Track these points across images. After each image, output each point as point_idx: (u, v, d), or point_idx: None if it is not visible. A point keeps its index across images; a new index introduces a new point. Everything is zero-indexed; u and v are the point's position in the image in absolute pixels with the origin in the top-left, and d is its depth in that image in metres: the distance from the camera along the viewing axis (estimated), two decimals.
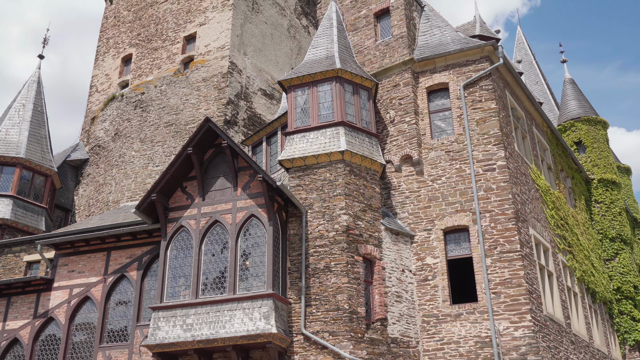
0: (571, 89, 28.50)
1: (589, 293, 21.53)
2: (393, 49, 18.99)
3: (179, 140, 24.54)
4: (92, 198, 26.11)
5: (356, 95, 17.58)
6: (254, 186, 16.05)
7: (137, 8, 30.34)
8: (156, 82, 26.89)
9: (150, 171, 24.71)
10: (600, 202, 25.37)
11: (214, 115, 24.15)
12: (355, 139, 16.86)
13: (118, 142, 26.46)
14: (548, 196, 19.64)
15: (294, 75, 17.86)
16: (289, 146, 17.07)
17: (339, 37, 19.16)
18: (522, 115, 19.81)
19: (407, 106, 18.10)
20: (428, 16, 20.49)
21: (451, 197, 16.85)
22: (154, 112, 26.07)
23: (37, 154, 25.00)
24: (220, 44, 26.06)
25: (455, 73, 18.18)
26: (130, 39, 29.56)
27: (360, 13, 20.42)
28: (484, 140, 17.07)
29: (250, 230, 15.73)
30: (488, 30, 22.97)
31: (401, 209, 17.36)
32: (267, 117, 26.25)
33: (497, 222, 16.08)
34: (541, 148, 21.35)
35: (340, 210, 15.90)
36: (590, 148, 26.30)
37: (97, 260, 17.68)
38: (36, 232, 23.54)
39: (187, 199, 16.69)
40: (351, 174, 16.45)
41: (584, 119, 26.81)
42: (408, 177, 17.59)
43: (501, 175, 16.50)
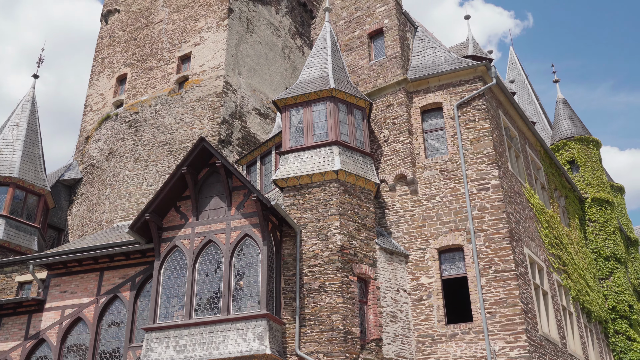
0: (564, 109, 28.70)
1: (584, 312, 21.48)
2: (387, 69, 19.11)
3: (173, 160, 24.52)
4: (86, 218, 25.98)
5: (350, 114, 17.64)
6: (248, 206, 16.01)
7: (132, 28, 30.49)
8: (151, 102, 26.94)
9: (144, 190, 24.64)
10: (594, 221, 25.42)
11: (209, 135, 24.17)
12: (349, 159, 16.88)
13: (112, 161, 26.41)
14: (542, 215, 19.67)
15: (289, 95, 17.93)
16: (283, 165, 17.08)
17: (333, 57, 19.28)
18: (516, 134, 19.92)
19: (401, 126, 18.17)
20: (421, 37, 20.67)
21: (445, 216, 16.85)
22: (148, 132, 26.07)
23: (30, 174, 24.89)
24: (215, 63, 26.18)
25: (448, 93, 18.29)
26: (125, 59, 29.66)
27: (354, 33, 20.58)
28: (477, 160, 17.13)
29: (245, 250, 15.66)
30: (481, 50, 23.21)
31: (395, 229, 17.34)
32: (261, 137, 26.29)
33: (491, 241, 16.08)
34: (535, 167, 21.43)
35: (334, 229, 15.86)
36: (583, 167, 26.41)
37: (89, 280, 17.53)
38: (28, 252, 23.34)
39: (181, 219, 16.62)
40: (345, 193, 16.44)
41: (576, 138, 26.96)
42: (402, 196, 17.59)
43: (495, 195, 16.53)
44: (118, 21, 31.40)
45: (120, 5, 31.75)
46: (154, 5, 30.25)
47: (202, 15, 28.01)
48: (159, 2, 30.16)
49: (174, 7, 29.39)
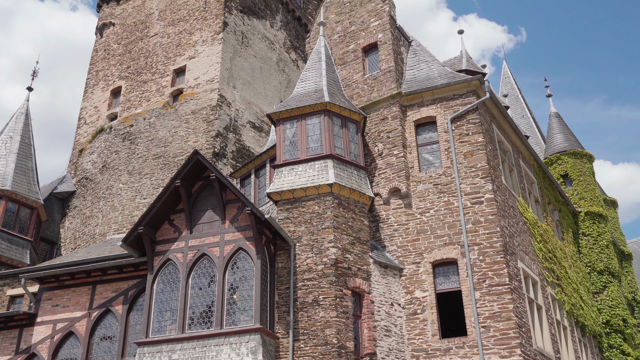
0: (557, 123, 28.85)
1: (579, 326, 21.46)
2: (381, 83, 19.19)
3: (167, 173, 24.48)
4: (79, 231, 25.85)
5: (345, 128, 17.68)
6: (242, 219, 15.97)
7: (127, 41, 30.55)
8: (145, 115, 26.93)
9: (138, 203, 24.55)
10: (587, 234, 25.47)
11: (203, 148, 24.16)
12: (343, 172, 16.89)
13: (106, 174, 26.33)
14: (536, 229, 19.70)
15: (283, 108, 17.96)
16: (277, 179, 17.07)
17: (328, 71, 19.36)
18: (509, 148, 19.99)
19: (395, 139, 18.21)
20: (415, 51, 20.78)
21: (439, 230, 16.84)
22: (142, 145, 26.04)
23: (23, 186, 24.78)
24: (210, 77, 26.23)
25: (442, 107, 18.36)
26: (120, 72, 29.68)
27: (348, 47, 20.68)
28: (471, 174, 17.16)
29: (238, 264, 15.59)
30: (474, 64, 23.34)
31: (390, 242, 17.31)
32: (255, 150, 26.30)
33: (485, 255, 16.07)
34: (528, 181, 21.49)
35: (328, 243, 15.83)
36: (576, 181, 26.51)
37: (82, 294, 17.41)
38: (20, 265, 23.18)
39: (175, 232, 16.56)
40: (340, 206, 16.43)
41: (570, 152, 27.09)
42: (396, 210, 17.59)
43: (489, 208, 16.55)
44: (113, 34, 31.47)
45: (115, 19, 31.83)
46: (149, 18, 30.35)
47: (197, 29, 28.11)
48: (154, 16, 30.27)
49: (169, 20, 29.49)
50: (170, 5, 29.91)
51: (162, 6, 30.22)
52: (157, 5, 30.48)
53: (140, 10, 31.09)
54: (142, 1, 31.31)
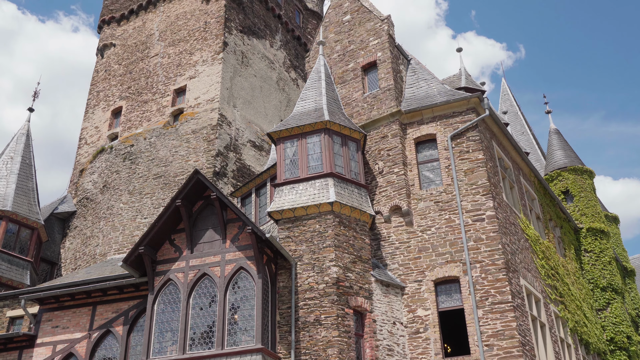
0: (556, 139, 28.89)
1: (583, 344, 21.28)
2: (381, 101, 19.25)
3: (167, 192, 24.47)
4: (79, 251, 25.78)
5: (345, 146, 17.70)
6: (243, 238, 15.92)
7: (128, 62, 30.75)
8: (146, 135, 27.00)
9: (139, 223, 24.52)
10: (589, 251, 25.36)
11: (203, 167, 24.18)
12: (344, 190, 16.88)
13: (106, 194, 26.34)
14: (538, 246, 19.63)
15: (283, 127, 18.01)
16: (278, 197, 17.05)
17: (328, 90, 19.43)
18: (509, 165, 20.00)
19: (395, 157, 18.22)
20: (414, 69, 20.89)
21: (441, 247, 16.78)
22: (143, 164, 26.07)
23: (23, 207, 24.76)
24: (210, 96, 26.35)
25: (442, 124, 18.40)
26: (121, 92, 29.83)
27: (348, 66, 20.79)
28: (472, 191, 17.15)
29: (239, 283, 15.51)
30: (473, 82, 23.44)
31: (391, 260, 17.24)
32: (256, 169, 26.33)
33: (487, 272, 15.99)
34: (529, 198, 21.46)
35: (330, 261, 15.77)
36: (577, 197, 26.46)
37: (82, 315, 17.30)
38: (20, 286, 23.07)
39: (175, 252, 16.50)
40: (341, 225, 16.39)
41: (570, 168, 27.08)
42: (398, 227, 17.54)
43: (490, 226, 16.51)
44: (114, 55, 31.68)
45: (116, 40, 32.06)
46: (150, 39, 30.57)
47: (197, 49, 28.30)
48: (154, 37, 30.49)
49: (169, 41, 29.70)
50: (171, 26, 30.15)
51: (163, 27, 30.46)
52: (158, 26, 30.72)
53: (140, 31, 31.33)
54: (143, 22, 31.56)
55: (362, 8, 21.40)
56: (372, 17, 20.91)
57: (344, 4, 22.12)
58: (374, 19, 20.85)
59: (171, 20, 30.36)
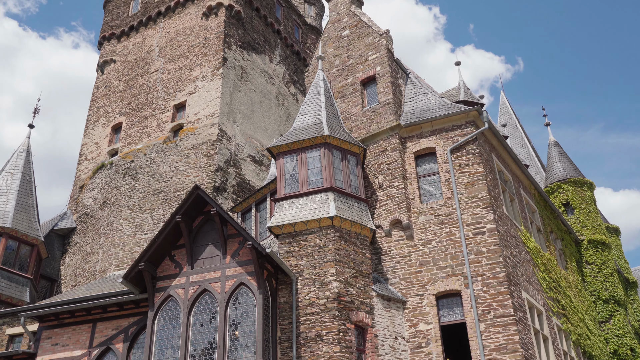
0: (556, 151, 28.92)
1: (586, 357, 21.14)
2: (380, 115, 19.29)
3: (167, 208, 24.45)
4: (79, 267, 25.71)
5: (345, 161, 17.71)
6: (244, 253, 15.87)
7: (128, 78, 30.86)
8: (145, 150, 27.04)
9: (139, 239, 24.47)
10: (591, 263, 25.28)
11: (203, 182, 24.18)
12: (344, 205, 16.86)
13: (106, 210, 26.32)
14: (539, 258, 19.56)
15: (283, 142, 18.02)
16: (278, 212, 17.02)
17: (327, 104, 19.48)
18: (509, 178, 19.99)
19: (395, 171, 18.22)
20: (413, 83, 20.95)
21: (442, 261, 16.73)
22: (143, 180, 26.08)
23: (23, 224, 24.72)
24: (210, 111, 26.42)
25: (441, 138, 18.43)
26: (121, 108, 29.91)
27: (347, 81, 20.86)
28: (472, 204, 17.12)
29: (240, 299, 15.44)
30: (472, 95, 23.50)
31: (392, 274, 17.18)
32: (256, 184, 26.32)
33: (489, 285, 15.92)
34: (530, 210, 21.43)
35: (330, 276, 15.71)
36: (578, 209, 26.43)
37: (82, 332, 17.20)
38: (20, 303, 22.98)
39: (176, 268, 16.44)
40: (341, 239, 16.35)
41: (570, 180, 27.07)
42: (398, 241, 17.50)
43: (491, 239, 16.46)
44: (114, 71, 31.81)
45: (116, 56, 32.22)
46: (150, 55, 30.71)
47: (197, 65, 28.42)
48: (154, 53, 30.63)
49: (169, 57, 29.84)
50: (171, 42, 30.30)
51: (163, 43, 30.61)
52: (158, 42, 30.88)
53: (141, 47, 31.48)
54: (143, 38, 31.73)
55: (361, 23, 21.52)
56: (371, 32, 21.02)
57: (342, 19, 22.24)
58: (372, 33, 20.96)
59: (171, 36, 30.52)
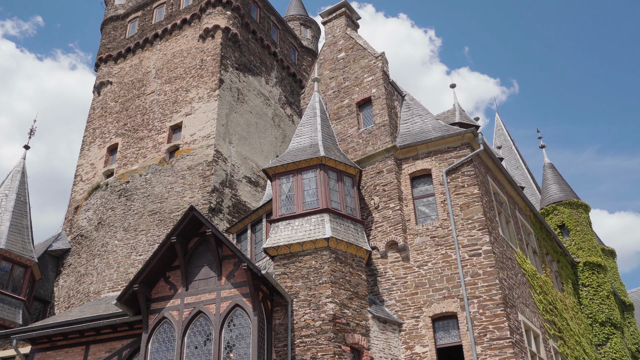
0: (551, 173, 29.03)
1: None
2: (376, 137, 19.37)
3: (163, 229, 24.36)
4: (73, 289, 25.51)
5: (340, 182, 17.73)
6: (239, 275, 15.79)
7: (124, 99, 30.97)
8: (141, 171, 27.02)
9: (133, 260, 24.33)
10: (587, 285, 25.23)
11: (199, 203, 24.13)
12: (340, 226, 16.84)
13: (101, 231, 26.20)
14: (535, 280, 19.52)
15: (279, 163, 18.06)
16: (274, 234, 16.98)
17: (323, 126, 19.56)
18: (505, 200, 20.03)
19: (391, 192, 18.24)
20: (409, 105, 21.08)
21: (438, 283, 16.67)
22: (138, 201, 26.01)
23: (17, 245, 24.57)
24: (206, 133, 26.47)
25: (437, 159, 18.49)
26: (117, 129, 29.96)
27: (343, 102, 20.97)
28: (468, 226, 17.13)
29: (235, 321, 15.32)
30: (467, 117, 23.65)
31: (388, 296, 17.10)
32: (252, 205, 26.28)
33: (485, 308, 15.85)
34: (525, 232, 21.44)
35: (326, 298, 15.62)
36: (573, 231, 26.45)
37: (75, 355, 17.02)
38: (13, 325, 22.73)
39: (170, 289, 16.34)
40: (337, 261, 16.30)
41: (565, 202, 27.13)
42: (394, 263, 17.46)
43: (487, 260, 16.44)
44: (110, 92, 31.92)
45: (113, 77, 32.36)
46: (146, 77, 30.86)
47: (193, 86, 28.55)
48: (151, 74, 30.78)
49: (165, 78, 29.98)
50: (167, 64, 30.47)
51: (160, 64, 30.78)
52: (155, 63, 31.05)
53: (137, 69, 31.64)
54: (140, 60, 31.90)
55: (357, 46, 21.71)
56: (366, 55, 21.20)
57: (338, 42, 22.44)
58: (368, 56, 21.14)
59: (168, 58, 30.71)
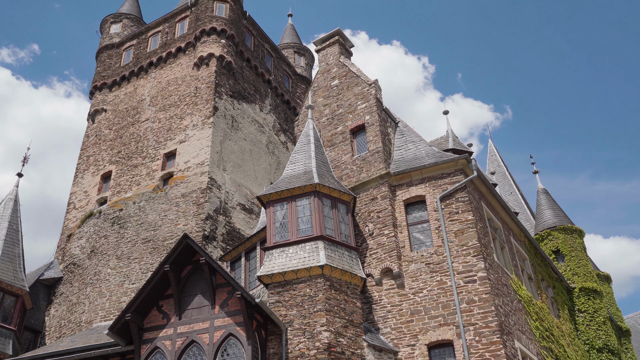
0: (545, 199, 29.09)
1: None
2: (370, 164, 19.41)
3: (156, 257, 24.18)
4: (64, 318, 25.18)
5: (335, 209, 17.69)
6: (232, 303, 15.64)
7: (118, 127, 31.00)
8: (135, 199, 26.91)
9: (126, 289, 24.09)
10: (583, 311, 25.10)
11: (193, 231, 24.00)
12: (334, 253, 16.75)
13: (94, 259, 25.97)
14: (531, 307, 19.41)
15: (273, 190, 18.03)
16: (268, 261, 16.88)
17: (317, 153, 19.60)
18: (499, 225, 20.01)
19: (385, 219, 18.20)
20: (402, 131, 21.18)
21: (433, 310, 16.55)
22: (131, 229, 25.86)
23: (8, 274, 24.30)
24: (200, 160, 26.46)
25: (431, 186, 18.51)
26: (111, 157, 29.92)
27: (336, 129, 21.05)
28: (463, 252, 17.07)
29: (229, 350, 15.13)
30: (460, 143, 23.75)
31: (383, 324, 16.94)
32: (246, 232, 26.16)
33: (481, 335, 15.72)
34: (520, 258, 21.38)
35: (321, 326, 15.46)
36: (568, 257, 26.40)
37: None
38: (2, 356, 22.36)
39: (163, 318, 16.15)
40: (331, 288, 16.18)
41: (560, 227, 27.13)
42: (389, 290, 17.34)
43: (482, 287, 16.35)
44: (105, 120, 31.96)
45: (107, 105, 32.43)
46: (141, 104, 30.94)
47: (187, 114, 28.63)
48: (145, 102, 30.88)
49: (160, 106, 30.07)
50: (162, 92, 30.59)
51: (154, 92, 30.90)
52: (149, 91, 31.17)
53: (132, 97, 31.74)
54: (134, 88, 32.03)
55: (350, 73, 21.88)
56: (360, 82, 21.35)
57: (332, 69, 22.62)
58: (361, 83, 21.29)
59: (162, 85, 30.84)
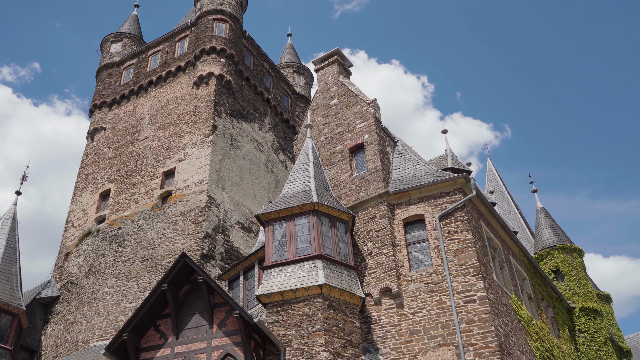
0: (544, 218, 29.04)
1: None
2: (368, 183, 19.41)
3: (154, 276, 24.06)
4: (61, 338, 24.98)
5: (333, 228, 17.65)
6: (230, 323, 15.53)
7: (117, 145, 31.04)
8: (133, 217, 26.85)
9: (124, 308, 23.93)
10: (584, 331, 24.93)
11: (191, 250, 23.92)
12: (333, 272, 16.68)
13: (91, 278, 25.84)
14: (531, 327, 19.28)
15: (272, 209, 17.99)
16: (266, 280, 16.79)
17: (316, 172, 19.60)
18: (499, 245, 19.96)
19: (384, 238, 18.15)
20: (401, 150, 21.21)
21: (433, 330, 16.43)
22: (129, 247, 25.76)
23: (5, 292, 24.14)
24: (199, 178, 26.45)
25: (430, 205, 18.49)
26: (110, 175, 29.91)
27: (335, 148, 21.09)
28: (462, 271, 17.00)
29: None
30: (459, 162, 23.79)
31: (382, 344, 16.81)
32: (244, 251, 26.07)
33: (481, 356, 15.59)
34: (520, 277, 21.29)
35: (319, 347, 15.33)
36: (568, 276, 26.29)
37: None
38: None
39: (161, 338, 16.03)
40: (330, 308, 16.08)
41: (559, 247, 27.04)
42: (388, 310, 17.23)
43: (482, 307, 16.25)
44: (104, 138, 32.01)
45: (107, 123, 32.50)
46: (140, 123, 31.02)
47: (186, 132, 28.68)
48: (144, 120, 30.96)
49: (159, 124, 30.14)
50: (161, 110, 30.68)
51: (153, 111, 30.99)
52: (149, 110, 31.27)
53: (131, 115, 31.83)
54: (134, 106, 32.13)
55: (349, 92, 21.98)
56: (359, 101, 21.44)
57: (331, 89, 22.72)
58: (360, 102, 21.37)
59: (162, 104, 30.94)
